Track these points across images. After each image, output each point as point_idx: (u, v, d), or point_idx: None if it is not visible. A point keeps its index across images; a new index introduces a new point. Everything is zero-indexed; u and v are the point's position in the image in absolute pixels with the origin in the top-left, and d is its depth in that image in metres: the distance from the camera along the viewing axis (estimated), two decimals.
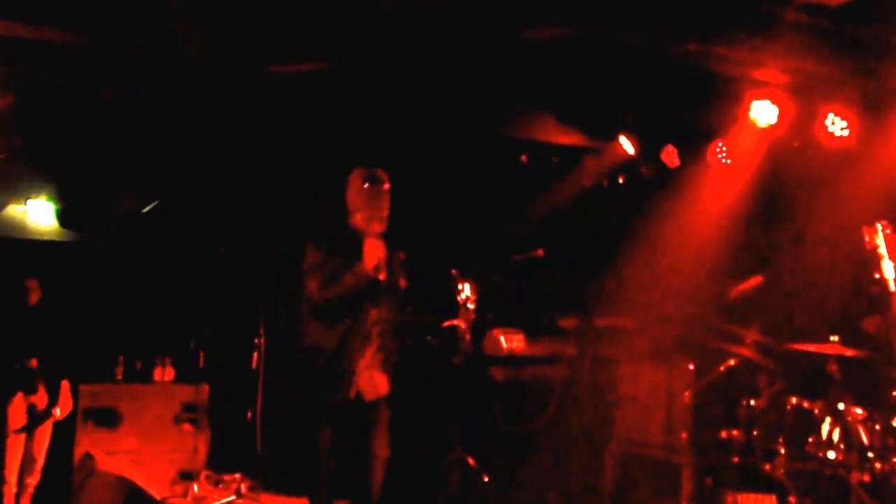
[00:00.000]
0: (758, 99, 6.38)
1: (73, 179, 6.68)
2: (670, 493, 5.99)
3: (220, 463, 6.74)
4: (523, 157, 7.42)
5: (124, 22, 5.13)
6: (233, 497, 6.23)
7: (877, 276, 4.67)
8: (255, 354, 6.36)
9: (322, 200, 5.67)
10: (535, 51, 5.68)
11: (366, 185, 4.86)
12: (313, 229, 5.05)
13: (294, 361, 4.97)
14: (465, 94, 6.35)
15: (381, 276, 4.74)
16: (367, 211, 4.82)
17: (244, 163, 6.67)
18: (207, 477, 6.54)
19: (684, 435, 5.93)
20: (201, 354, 7.06)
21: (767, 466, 5.47)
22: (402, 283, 5.01)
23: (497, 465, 6.48)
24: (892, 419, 5.29)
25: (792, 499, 5.32)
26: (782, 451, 5.48)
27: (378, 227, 4.81)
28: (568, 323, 7.17)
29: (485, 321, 6.80)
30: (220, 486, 6.49)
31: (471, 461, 6.33)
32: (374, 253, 4.72)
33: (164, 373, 7.05)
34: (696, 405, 5.93)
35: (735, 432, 5.72)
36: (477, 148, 7.04)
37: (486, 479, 6.29)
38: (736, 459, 5.65)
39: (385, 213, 4.86)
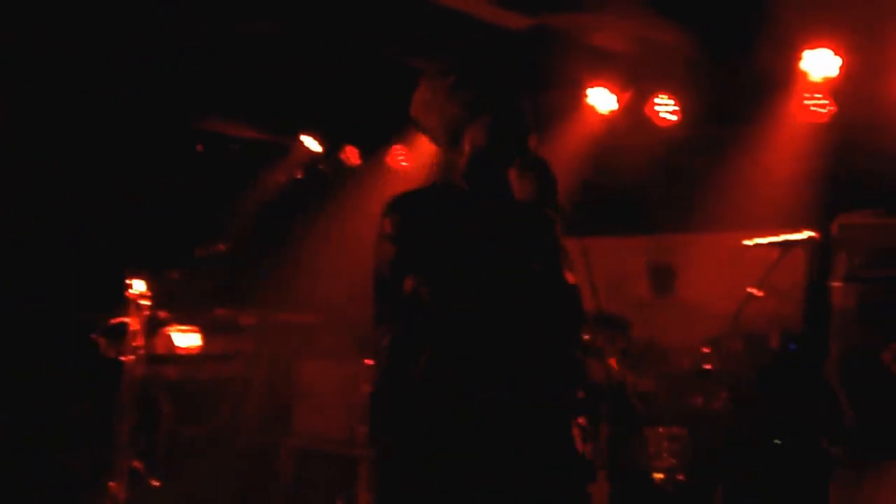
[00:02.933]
0: None
1: None
2: (349, 486, 6.15)
3: None
4: (199, 147, 7.30)
5: None
6: None
7: None
8: None
9: None
10: (223, 43, 5.65)
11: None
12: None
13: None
14: (143, 82, 6.16)
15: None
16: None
17: None
18: None
19: (363, 429, 6.12)
20: None
21: None
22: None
23: (168, 468, 6.29)
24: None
25: None
26: None
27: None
28: (247, 319, 7.12)
29: (158, 318, 6.60)
30: None
31: (139, 466, 6.09)
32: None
33: None
34: None
35: None
36: (154, 137, 6.82)
37: (156, 485, 6.08)
38: None
39: None
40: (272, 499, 6.50)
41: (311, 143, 7.09)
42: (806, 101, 5.57)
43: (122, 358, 6.01)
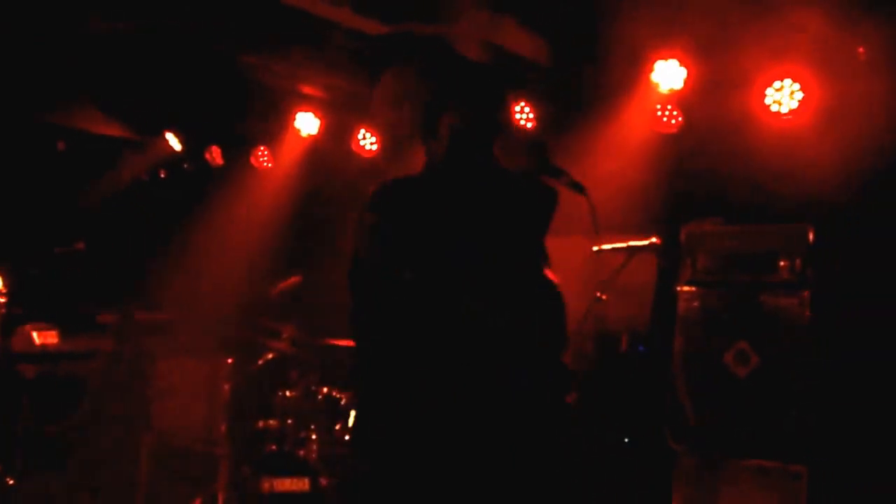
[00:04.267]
0: (302, 110, 6.78)
1: None
2: (208, 484, 6.13)
3: None
4: (60, 145, 7.17)
5: None
6: None
7: None
8: None
9: None
10: (84, 40, 5.57)
11: None
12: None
13: None
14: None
15: None
16: None
17: None
18: None
19: (223, 427, 6.10)
20: None
21: (301, 452, 5.78)
22: None
23: (24, 467, 6.18)
24: None
25: (323, 480, 5.69)
26: (314, 437, 5.84)
27: None
28: (107, 318, 7.02)
29: (15, 315, 6.47)
30: None
31: None
32: None
33: None
34: (234, 398, 6.11)
35: (271, 422, 5.90)
36: (9, 133, 6.67)
37: (11, 483, 5.97)
38: (273, 447, 5.89)
39: None
40: (131, 497, 6.43)
41: (174, 142, 7.03)
42: (656, 112, 5.73)
43: None
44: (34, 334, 6.61)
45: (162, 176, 7.35)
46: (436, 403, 2.48)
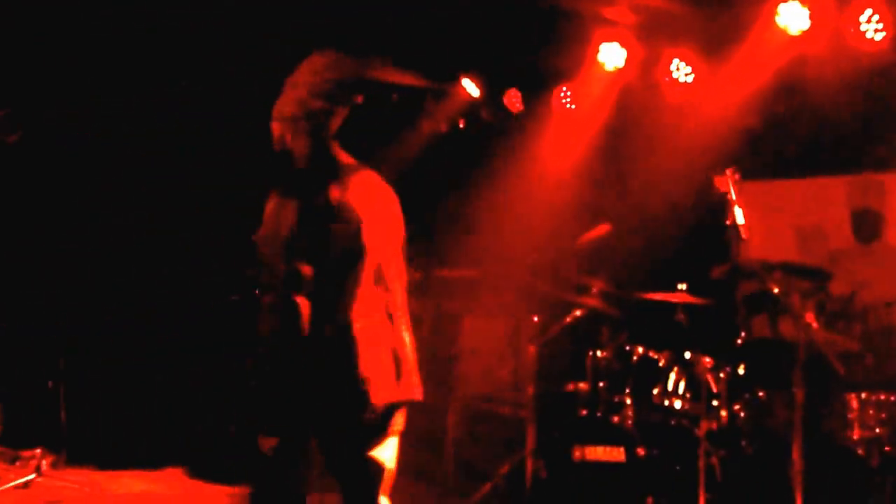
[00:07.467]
0: (607, 41, 6.26)
1: None
2: (516, 448, 5.84)
3: (16, 437, 6.07)
4: (359, 98, 7.13)
5: None
6: (33, 475, 5.59)
7: (728, 222, 4.63)
8: None
9: None
10: None
11: None
12: None
13: None
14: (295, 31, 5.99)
15: None
16: None
17: None
18: (1, 453, 5.90)
19: (530, 389, 5.80)
20: None
21: (615, 418, 5.38)
22: None
23: None
24: (738, 366, 5.29)
25: (640, 450, 5.21)
26: (629, 401, 5.38)
27: None
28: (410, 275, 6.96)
29: None
30: (18, 462, 5.83)
31: None
32: None
33: None
34: (541, 358, 5.78)
35: (581, 384, 5.57)
36: None
37: None
38: (583, 412, 5.50)
39: None
40: (436, 459, 6.27)
41: (471, 88, 6.71)
42: None
43: None
44: None
45: (461, 126, 7.07)
46: None
